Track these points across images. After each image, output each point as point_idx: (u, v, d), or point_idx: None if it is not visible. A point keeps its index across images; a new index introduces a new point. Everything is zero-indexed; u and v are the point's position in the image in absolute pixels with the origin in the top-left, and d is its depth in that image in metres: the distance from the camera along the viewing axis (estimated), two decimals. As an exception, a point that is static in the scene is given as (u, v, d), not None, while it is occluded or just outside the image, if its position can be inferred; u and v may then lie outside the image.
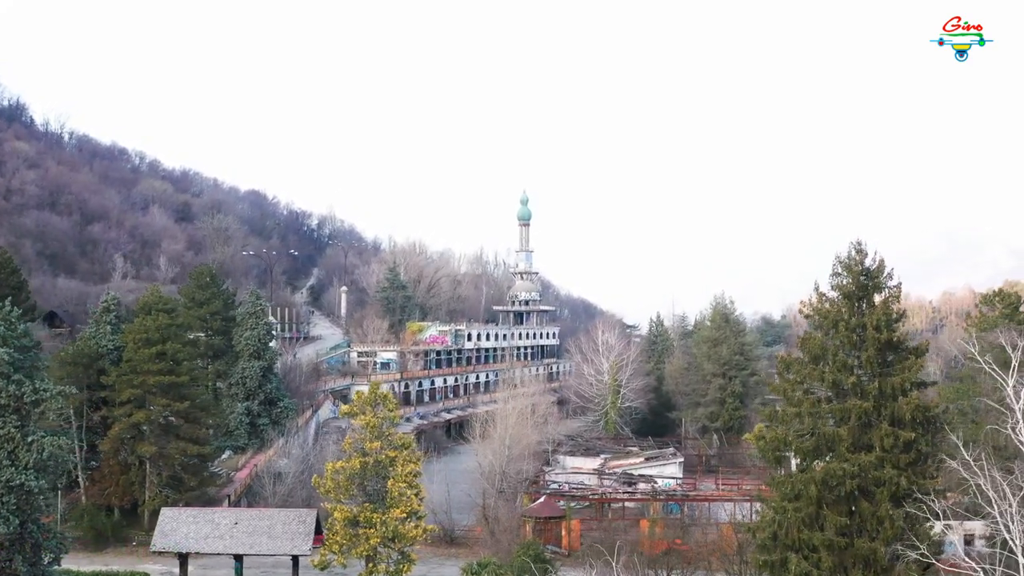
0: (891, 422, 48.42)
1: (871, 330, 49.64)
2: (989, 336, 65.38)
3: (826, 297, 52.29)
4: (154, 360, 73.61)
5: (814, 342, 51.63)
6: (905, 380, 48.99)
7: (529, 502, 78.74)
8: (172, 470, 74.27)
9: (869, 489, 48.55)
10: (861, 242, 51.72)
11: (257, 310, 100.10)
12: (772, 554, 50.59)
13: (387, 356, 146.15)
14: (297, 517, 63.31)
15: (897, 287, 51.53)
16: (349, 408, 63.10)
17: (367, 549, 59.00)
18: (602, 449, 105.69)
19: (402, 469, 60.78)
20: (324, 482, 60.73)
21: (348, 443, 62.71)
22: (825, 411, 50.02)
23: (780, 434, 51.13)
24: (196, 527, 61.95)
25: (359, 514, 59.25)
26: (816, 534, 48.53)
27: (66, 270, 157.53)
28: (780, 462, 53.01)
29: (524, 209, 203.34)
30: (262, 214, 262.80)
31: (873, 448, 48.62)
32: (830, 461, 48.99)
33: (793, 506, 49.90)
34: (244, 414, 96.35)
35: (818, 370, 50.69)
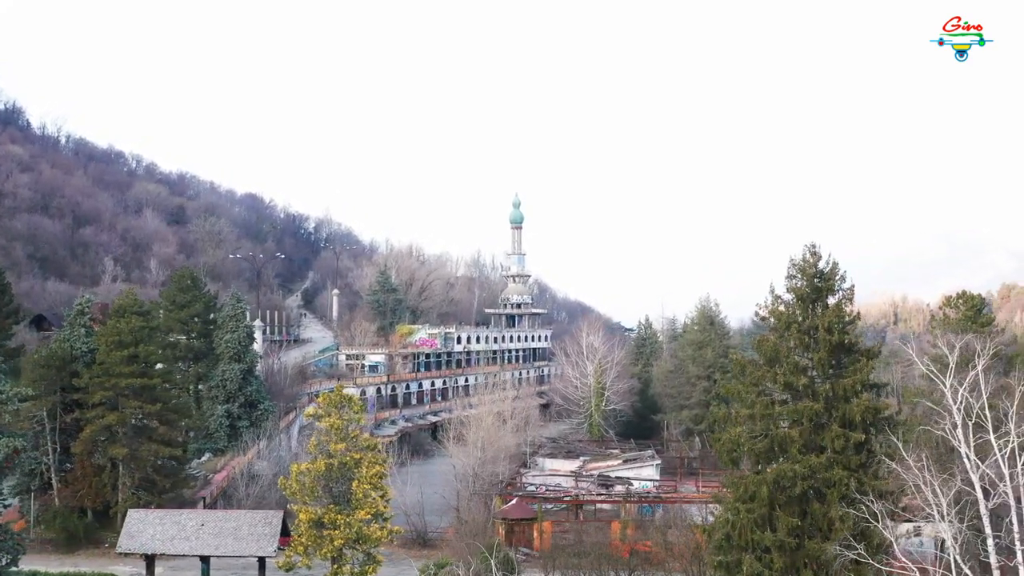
0: (842, 424, 48.72)
1: (823, 332, 49.95)
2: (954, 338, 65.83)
3: (781, 299, 52.61)
4: (126, 363, 73.88)
5: (768, 344, 51.93)
6: (856, 382, 49.25)
7: (502, 504, 78.95)
8: (144, 472, 74.54)
9: (821, 490, 48.87)
10: (815, 244, 52.13)
11: (238, 313, 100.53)
12: (727, 555, 50.93)
13: (375, 359, 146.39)
14: (263, 519, 63.57)
15: (850, 289, 51.83)
16: (314, 410, 63.39)
17: (331, 550, 59.17)
18: (583, 451, 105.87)
19: (367, 471, 60.83)
20: (290, 484, 60.97)
21: (313, 445, 62.92)
22: (778, 413, 50.31)
23: (734, 435, 51.44)
24: (162, 528, 62.24)
25: (324, 516, 59.42)
26: (767, 535, 48.79)
27: (56, 273, 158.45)
28: (736, 463, 53.38)
29: (516, 212, 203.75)
30: (258, 217, 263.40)
31: (825, 450, 48.93)
32: (782, 463, 49.29)
33: (746, 507, 50.19)
34: (224, 416, 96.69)
35: (772, 372, 50.97)
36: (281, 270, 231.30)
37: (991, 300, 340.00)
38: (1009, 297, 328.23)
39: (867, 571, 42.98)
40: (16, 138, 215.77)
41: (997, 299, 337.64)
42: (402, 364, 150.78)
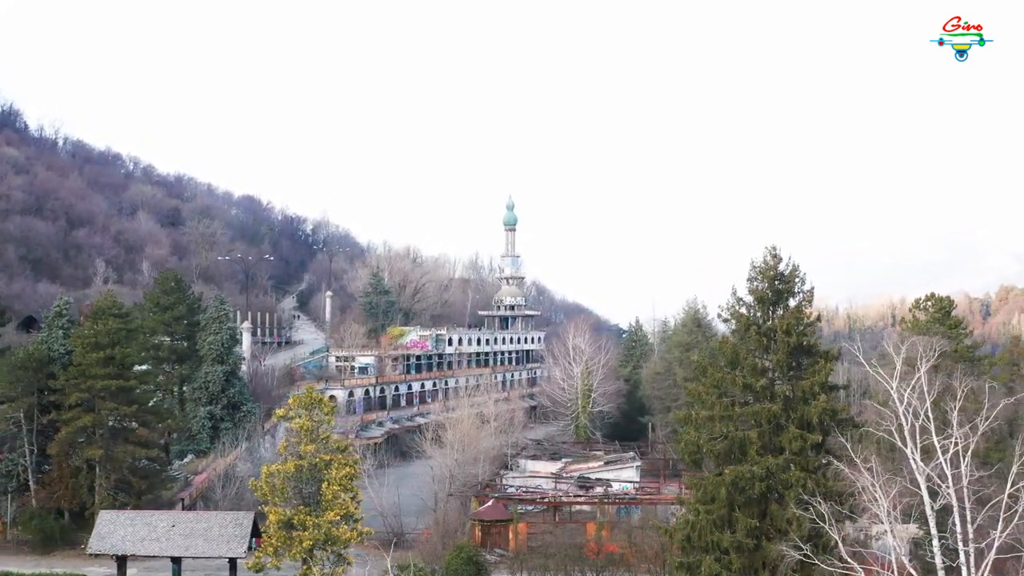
0: (799, 425, 48.92)
1: (781, 334, 50.18)
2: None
3: (743, 301, 52.81)
4: (102, 364, 74.21)
5: (728, 346, 52.20)
6: (815, 383, 49.49)
7: (478, 506, 79.18)
8: (120, 473, 74.82)
9: (779, 492, 49.09)
10: (775, 247, 52.31)
11: (221, 315, 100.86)
12: (689, 556, 51.18)
13: (365, 361, 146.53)
14: (234, 520, 63.88)
15: (810, 291, 52.07)
16: (284, 411, 63.50)
17: (300, 551, 59.37)
18: (567, 453, 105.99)
19: (337, 472, 61.00)
20: (260, 485, 61.23)
21: (284, 446, 63.18)
22: (737, 415, 50.52)
23: (693, 437, 51.66)
24: (133, 530, 62.55)
25: (293, 517, 59.66)
26: (726, 536, 49.04)
27: (49, 275, 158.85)
28: (697, 465, 53.58)
29: (510, 214, 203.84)
30: (255, 219, 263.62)
31: (784, 451, 49.13)
32: (741, 464, 49.47)
33: (706, 508, 50.49)
34: (206, 418, 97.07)
35: (731, 374, 51.18)
36: (278, 272, 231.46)
37: (990, 302, 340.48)
38: (1007, 299, 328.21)
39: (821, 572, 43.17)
40: (12, 140, 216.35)
41: (995, 301, 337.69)
42: (392, 366, 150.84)
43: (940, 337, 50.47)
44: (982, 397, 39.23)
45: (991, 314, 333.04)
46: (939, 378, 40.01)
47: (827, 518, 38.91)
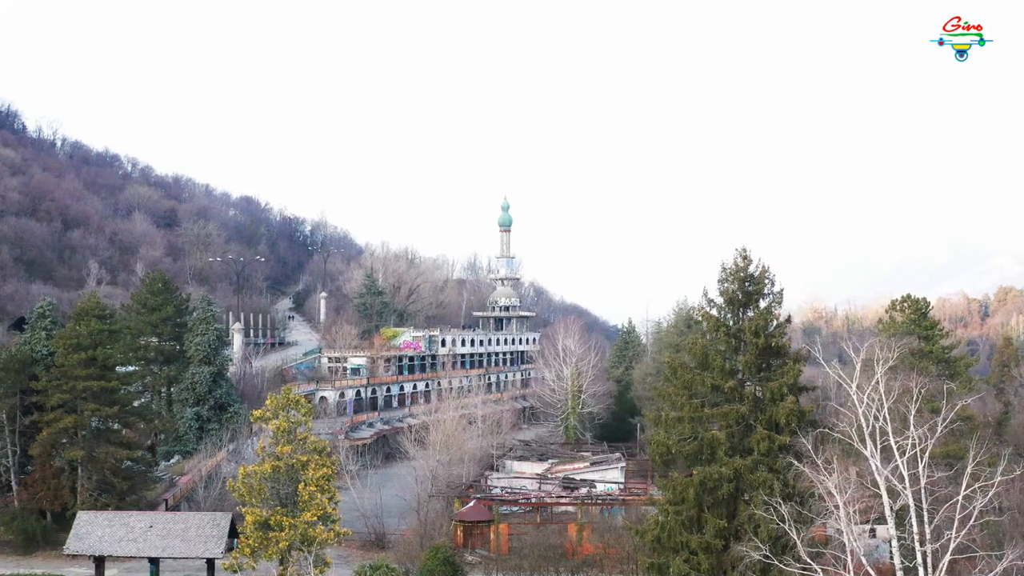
0: (767, 426, 49.00)
1: (750, 335, 50.30)
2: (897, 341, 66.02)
3: (714, 302, 52.92)
4: (84, 365, 74.37)
5: (697, 347, 52.27)
6: (783, 385, 49.53)
7: (461, 506, 79.31)
8: (102, 474, 74.92)
9: (747, 492, 49.16)
10: (746, 249, 52.37)
11: (208, 316, 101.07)
12: (659, 557, 51.29)
13: (357, 362, 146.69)
14: (211, 520, 64.03)
15: (779, 293, 52.07)
16: (261, 412, 63.62)
17: (276, 552, 59.60)
18: (555, 454, 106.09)
19: (314, 473, 61.12)
20: (237, 486, 61.43)
21: (261, 447, 63.37)
22: (706, 415, 50.62)
23: (663, 438, 51.79)
24: (111, 530, 62.74)
25: (270, 517, 59.84)
26: (694, 537, 49.16)
27: (43, 276, 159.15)
28: (667, 465, 53.64)
29: (505, 216, 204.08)
30: (253, 220, 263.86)
31: (752, 452, 49.23)
32: (710, 465, 49.57)
33: (675, 509, 50.64)
34: (193, 419, 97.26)
35: (701, 375, 51.28)
36: (275, 273, 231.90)
37: (989, 303, 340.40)
38: (1006, 300, 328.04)
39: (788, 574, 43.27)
40: (9, 141, 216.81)
41: (994, 302, 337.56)
42: (384, 367, 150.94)
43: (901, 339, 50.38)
44: (941, 399, 39.27)
45: (990, 315, 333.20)
46: (899, 380, 39.95)
47: (787, 519, 39.02)
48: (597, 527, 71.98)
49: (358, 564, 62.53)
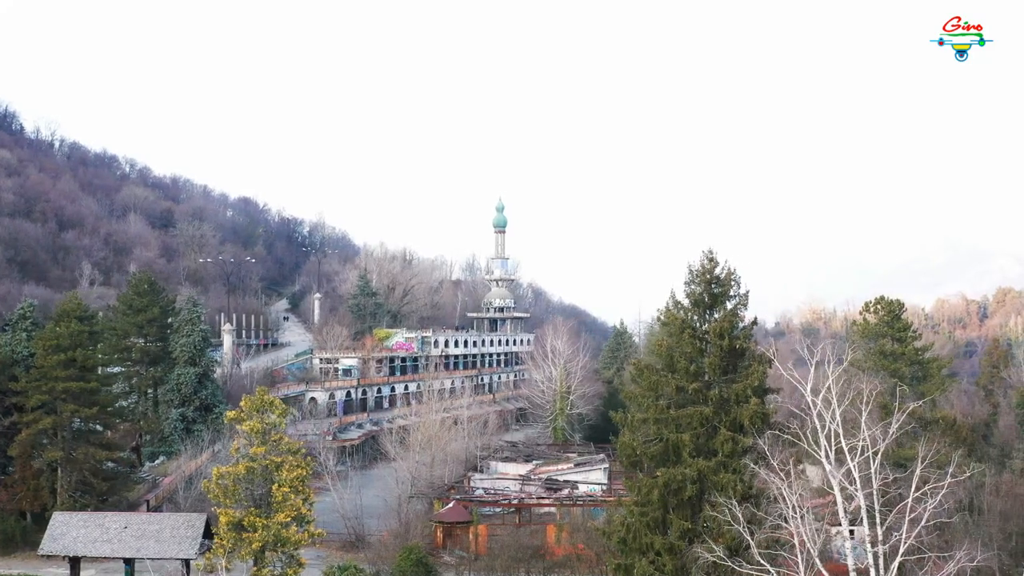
0: (731, 428, 49.08)
1: (714, 337, 50.39)
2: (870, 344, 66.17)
3: (680, 304, 53.01)
4: (63, 366, 74.58)
5: (664, 348, 52.40)
6: (747, 387, 49.59)
7: (440, 507, 79.49)
8: (81, 475, 75.13)
9: (711, 494, 49.22)
10: (712, 250, 52.46)
11: (193, 317, 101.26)
12: (625, 558, 51.40)
13: (348, 363, 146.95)
14: (186, 521, 64.29)
15: (745, 295, 52.10)
16: (235, 414, 63.70)
17: (249, 553, 59.71)
18: (542, 455, 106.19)
19: (288, 474, 61.15)
20: (211, 487, 61.57)
21: (235, 448, 63.52)
22: (671, 417, 50.70)
23: (628, 439, 51.91)
24: (86, 531, 62.96)
25: (244, 518, 59.98)
26: (658, 538, 49.26)
27: (36, 277, 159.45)
28: (635, 467, 53.69)
29: (500, 217, 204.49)
30: (250, 221, 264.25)
31: (716, 453, 49.32)
32: (674, 466, 49.68)
33: (640, 511, 50.74)
34: (178, 420, 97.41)
35: (667, 376, 51.38)
36: (272, 274, 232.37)
37: (987, 304, 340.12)
38: (1005, 301, 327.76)
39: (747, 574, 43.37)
40: (6, 142, 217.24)
41: (993, 303, 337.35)
42: (376, 368, 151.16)
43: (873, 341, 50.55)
44: (894, 401, 39.37)
45: (989, 316, 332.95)
46: (852, 382, 40.08)
47: (741, 520, 39.15)
48: (575, 528, 72.10)
49: (326, 565, 62.46)
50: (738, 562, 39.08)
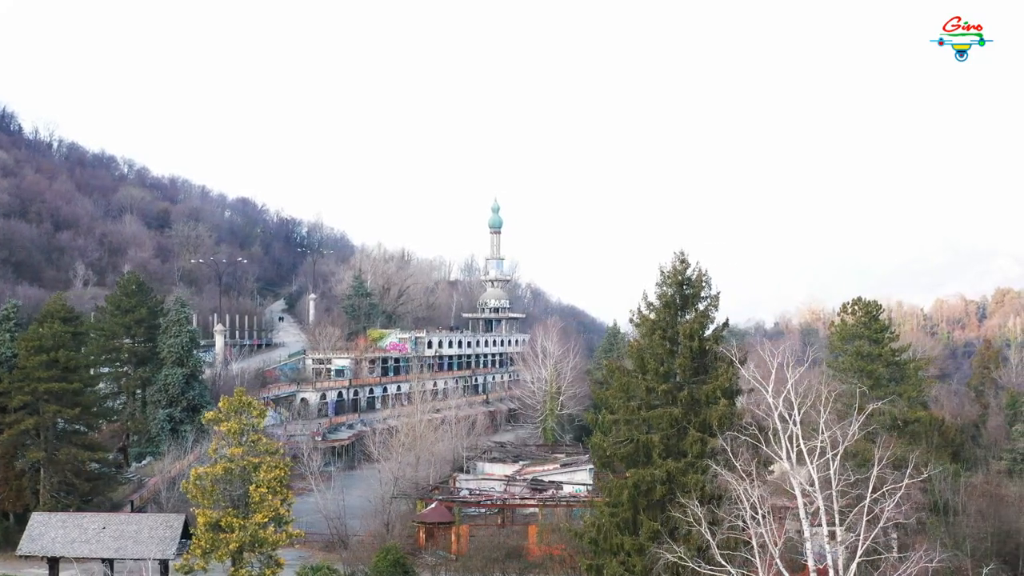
0: (699, 429, 49.18)
1: (684, 338, 50.47)
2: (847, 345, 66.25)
3: (652, 306, 53.10)
4: (45, 367, 74.74)
5: (635, 350, 52.53)
6: (716, 388, 49.69)
7: (423, 508, 79.66)
8: (63, 476, 75.27)
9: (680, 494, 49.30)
10: (683, 252, 52.55)
11: (181, 317, 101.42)
12: (596, 558, 51.56)
13: (341, 363, 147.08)
14: (164, 522, 64.35)
15: (716, 296, 52.20)
16: (213, 415, 63.93)
17: (226, 553, 59.93)
18: (529, 455, 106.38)
19: (265, 475, 61.39)
20: (189, 487, 61.78)
21: (213, 449, 63.71)
22: (642, 418, 50.82)
23: (599, 440, 52.04)
24: (64, 532, 63.12)
25: (221, 519, 60.18)
26: (628, 539, 49.37)
27: (31, 277, 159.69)
28: (608, 467, 53.83)
29: (495, 217, 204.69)
30: (248, 221, 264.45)
31: (686, 454, 49.43)
32: (644, 467, 49.80)
33: (611, 511, 50.89)
34: (165, 420, 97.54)
35: (638, 378, 51.50)
36: (269, 274, 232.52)
37: (986, 304, 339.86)
38: (1004, 301, 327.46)
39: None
40: (3, 143, 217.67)
41: (992, 303, 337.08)
42: (369, 369, 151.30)
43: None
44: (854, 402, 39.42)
45: (988, 316, 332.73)
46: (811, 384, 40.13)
47: (702, 521, 39.25)
48: (553, 529, 72.22)
49: (300, 565, 62.61)
50: (698, 563, 39.12)
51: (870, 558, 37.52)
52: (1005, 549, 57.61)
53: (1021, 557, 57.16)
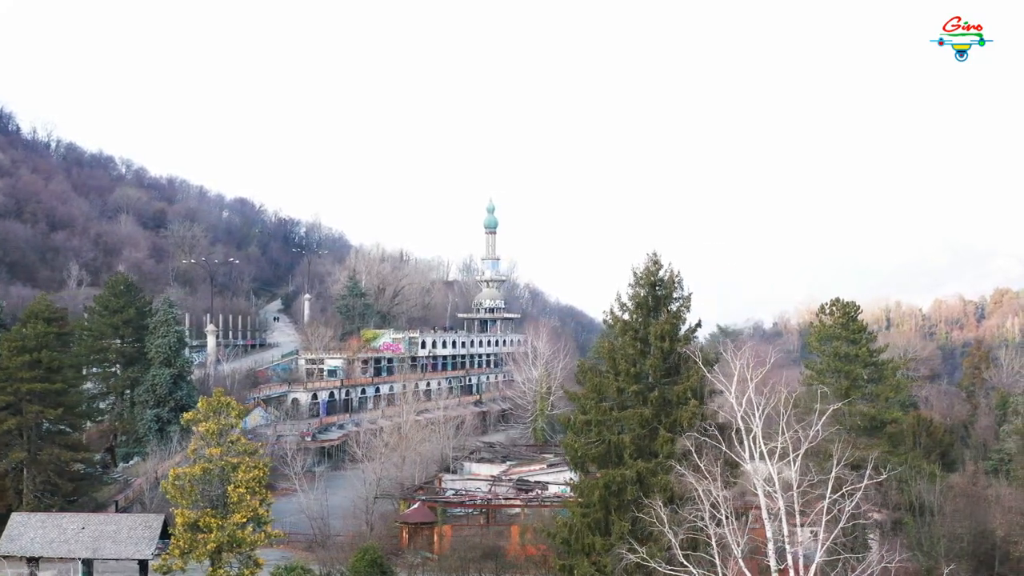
0: (670, 429, 49.23)
1: (655, 339, 50.53)
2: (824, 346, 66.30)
3: (625, 307, 53.17)
4: (28, 368, 74.94)
5: (605, 350, 52.65)
6: (687, 388, 49.73)
7: (405, 508, 79.82)
8: (46, 476, 75.43)
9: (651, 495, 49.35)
10: (656, 253, 52.62)
11: (168, 318, 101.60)
12: (569, 558, 51.67)
13: (333, 364, 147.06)
14: (143, 522, 64.47)
15: (688, 298, 52.21)
16: (192, 415, 64.11)
17: (204, 553, 60.10)
18: (517, 456, 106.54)
19: (244, 475, 61.55)
20: (168, 487, 61.97)
21: (192, 449, 63.91)
22: (613, 419, 50.89)
23: (571, 441, 52.14)
24: (43, 532, 63.28)
25: (199, 519, 60.36)
26: (599, 539, 49.45)
27: (25, 278, 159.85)
28: (581, 467, 53.89)
29: (490, 218, 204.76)
30: (246, 222, 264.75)
31: (657, 455, 49.49)
32: (616, 467, 49.88)
33: (582, 512, 50.98)
34: (153, 421, 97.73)
35: (609, 378, 51.59)
36: (268, 275, 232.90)
37: (985, 305, 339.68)
38: (1002, 302, 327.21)
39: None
40: (0, 143, 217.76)
41: (991, 304, 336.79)
42: (362, 369, 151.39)
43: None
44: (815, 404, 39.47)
45: (986, 317, 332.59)
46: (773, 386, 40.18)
47: (665, 521, 39.33)
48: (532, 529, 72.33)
49: (274, 566, 62.76)
50: (659, 562, 39.20)
51: (831, 558, 37.53)
52: (980, 549, 57.64)
53: (997, 557, 57.18)
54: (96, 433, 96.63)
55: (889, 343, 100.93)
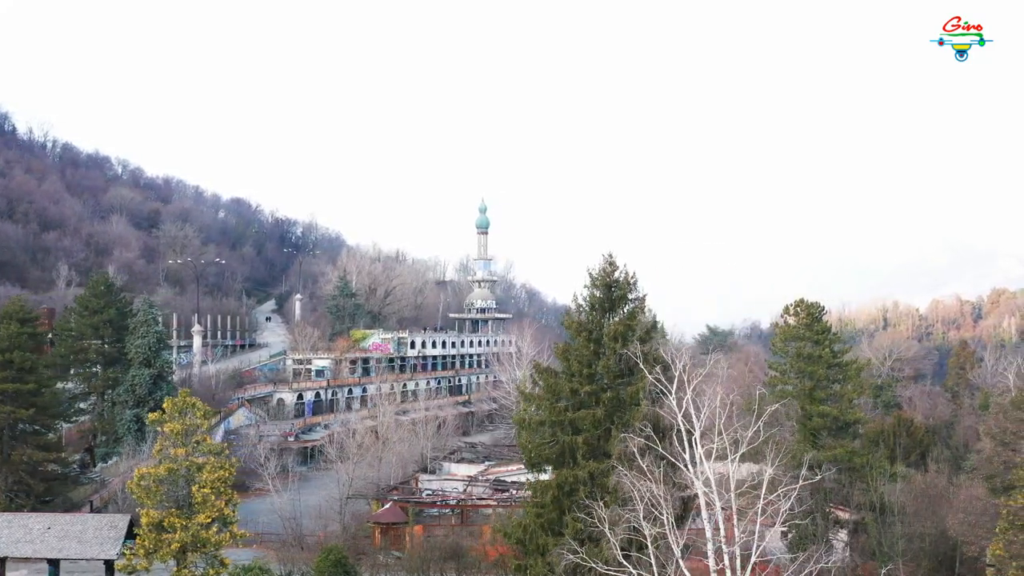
0: (621, 430, 49.25)
1: (608, 340, 50.59)
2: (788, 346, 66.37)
3: (582, 308, 53.25)
4: (0, 368, 75.08)
5: (559, 351, 52.75)
6: (639, 390, 49.77)
7: (378, 508, 80.00)
8: (18, 476, 75.64)
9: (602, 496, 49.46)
10: (611, 254, 52.68)
11: (148, 318, 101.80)
12: (524, 558, 51.79)
13: (321, 364, 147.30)
14: (109, 522, 64.53)
15: (642, 299, 52.27)
16: (158, 415, 64.18)
17: (168, 554, 60.19)
18: (497, 456, 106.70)
19: (209, 476, 61.60)
20: (134, 487, 62.08)
21: (157, 450, 64.00)
22: (568, 419, 50.97)
23: (525, 441, 52.25)
24: (8, 532, 63.40)
25: (164, 519, 60.48)
26: (552, 539, 49.53)
27: (15, 278, 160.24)
28: (536, 467, 54.00)
29: (482, 218, 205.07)
30: (242, 222, 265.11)
31: (610, 455, 49.55)
32: (570, 468, 49.98)
33: (536, 511, 51.10)
34: (132, 421, 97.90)
35: (564, 379, 51.68)
36: (262, 275, 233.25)
37: (982, 305, 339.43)
38: (999, 302, 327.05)
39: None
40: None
41: (987, 304, 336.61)
42: (350, 369, 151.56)
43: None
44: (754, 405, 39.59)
45: (983, 317, 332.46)
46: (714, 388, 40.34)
47: (605, 521, 39.48)
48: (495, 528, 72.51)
49: (232, 566, 62.87)
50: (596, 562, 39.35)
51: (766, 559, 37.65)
52: (940, 550, 57.64)
53: (957, 557, 57.19)
54: (76, 433, 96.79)
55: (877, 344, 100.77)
